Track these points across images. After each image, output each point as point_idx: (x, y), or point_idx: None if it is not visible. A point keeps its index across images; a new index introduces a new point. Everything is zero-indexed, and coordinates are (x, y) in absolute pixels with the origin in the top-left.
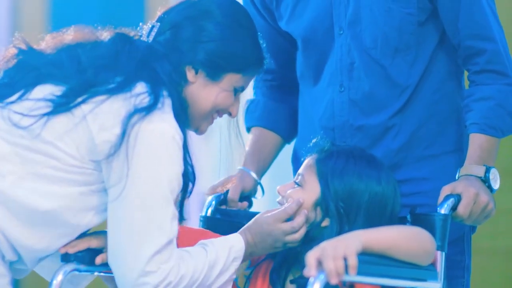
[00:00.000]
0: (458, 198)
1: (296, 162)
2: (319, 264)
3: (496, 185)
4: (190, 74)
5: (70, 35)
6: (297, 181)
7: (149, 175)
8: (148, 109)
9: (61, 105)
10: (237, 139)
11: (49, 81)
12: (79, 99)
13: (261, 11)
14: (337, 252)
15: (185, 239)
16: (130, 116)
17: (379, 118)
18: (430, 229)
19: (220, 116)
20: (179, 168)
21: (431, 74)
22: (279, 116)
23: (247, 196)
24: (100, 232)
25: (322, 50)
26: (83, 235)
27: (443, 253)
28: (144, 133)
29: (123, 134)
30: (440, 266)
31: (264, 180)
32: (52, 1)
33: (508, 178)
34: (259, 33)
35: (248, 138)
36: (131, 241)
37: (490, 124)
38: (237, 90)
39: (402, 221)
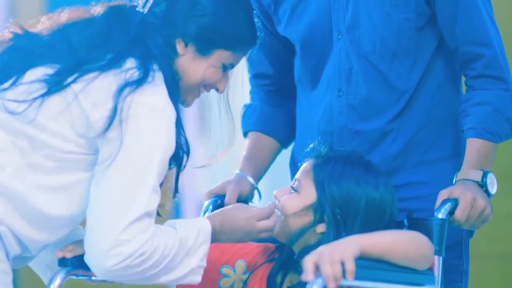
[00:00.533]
0: (455, 202)
1: (294, 167)
2: (317, 268)
3: (493, 189)
4: (179, 46)
5: (64, 15)
6: (293, 186)
7: (139, 147)
8: (139, 82)
9: (54, 85)
10: (227, 114)
11: (42, 63)
12: (71, 78)
13: (259, 15)
14: (335, 256)
15: None
16: (121, 90)
17: (377, 123)
18: (428, 233)
19: (207, 90)
20: (169, 140)
21: (429, 79)
22: (276, 121)
23: (244, 201)
24: None
25: (321, 54)
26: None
27: (441, 258)
28: (136, 105)
29: (115, 107)
30: (438, 271)
31: (261, 185)
32: None
33: (506, 183)
34: (254, 12)
35: (245, 143)
36: (109, 210)
37: (487, 129)
38: (226, 67)
39: (399, 225)
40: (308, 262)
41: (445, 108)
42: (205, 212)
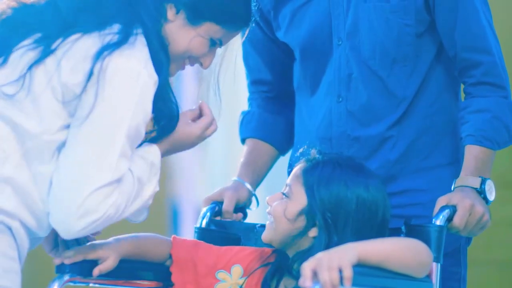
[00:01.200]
0: (453, 209)
1: None
2: (315, 275)
3: (491, 196)
4: (170, 12)
5: None
6: (284, 191)
7: (109, 111)
8: (117, 45)
9: (44, 49)
10: (215, 96)
11: (31, 33)
12: (58, 41)
13: (259, 21)
14: (332, 263)
15: (178, 250)
16: (99, 52)
17: (376, 129)
18: (426, 240)
19: (192, 64)
20: (142, 105)
21: (428, 85)
22: (275, 128)
23: (241, 207)
24: (96, 244)
25: (320, 60)
26: (78, 245)
27: (439, 265)
28: (111, 68)
29: (91, 70)
30: (436, 278)
31: (259, 191)
32: None
33: (503, 190)
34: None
35: (243, 150)
36: (76, 175)
37: (486, 136)
38: (214, 42)
39: (396, 232)
40: (306, 268)
41: (444, 115)
42: (202, 219)
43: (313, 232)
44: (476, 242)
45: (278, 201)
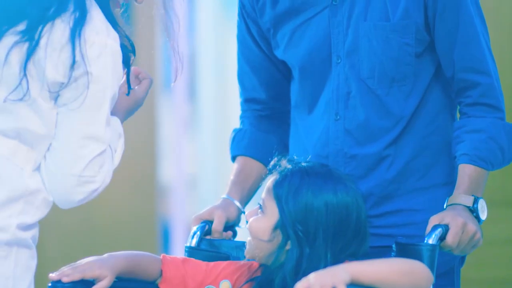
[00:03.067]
0: (446, 228)
1: None
2: None
3: (483, 215)
4: None
5: None
6: (260, 205)
7: (94, 85)
8: (80, 23)
9: (29, 44)
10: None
11: (14, 23)
12: (39, 30)
13: (257, 39)
14: (325, 282)
15: (168, 267)
16: (71, 37)
17: (373, 147)
18: (418, 259)
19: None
20: (117, 72)
21: (426, 106)
22: (266, 146)
23: (231, 226)
24: (93, 262)
25: (319, 78)
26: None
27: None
28: (86, 47)
29: (73, 56)
30: None
31: (248, 209)
32: None
33: (493, 209)
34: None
35: (233, 167)
36: (69, 149)
37: (480, 156)
38: None
39: (387, 250)
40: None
41: (441, 136)
42: (192, 238)
43: (288, 246)
44: (468, 261)
45: (254, 217)
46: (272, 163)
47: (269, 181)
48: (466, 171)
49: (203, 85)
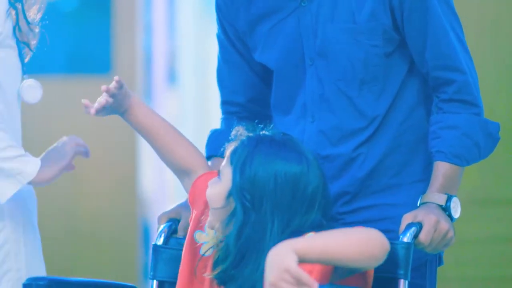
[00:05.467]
0: (420, 226)
1: None
2: None
3: (456, 214)
4: None
5: None
6: (219, 173)
7: None
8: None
9: None
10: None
11: None
12: None
13: (234, 41)
14: (278, 276)
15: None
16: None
17: (345, 147)
18: (393, 257)
19: None
20: None
21: (400, 104)
22: None
23: None
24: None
25: (294, 81)
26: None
27: (406, 282)
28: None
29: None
30: None
31: None
32: None
33: (473, 208)
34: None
35: None
36: None
37: (455, 153)
38: None
39: None
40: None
41: (416, 133)
42: (160, 236)
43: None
44: (448, 260)
45: (211, 184)
46: (233, 132)
47: (229, 148)
48: (440, 169)
49: (184, 87)
